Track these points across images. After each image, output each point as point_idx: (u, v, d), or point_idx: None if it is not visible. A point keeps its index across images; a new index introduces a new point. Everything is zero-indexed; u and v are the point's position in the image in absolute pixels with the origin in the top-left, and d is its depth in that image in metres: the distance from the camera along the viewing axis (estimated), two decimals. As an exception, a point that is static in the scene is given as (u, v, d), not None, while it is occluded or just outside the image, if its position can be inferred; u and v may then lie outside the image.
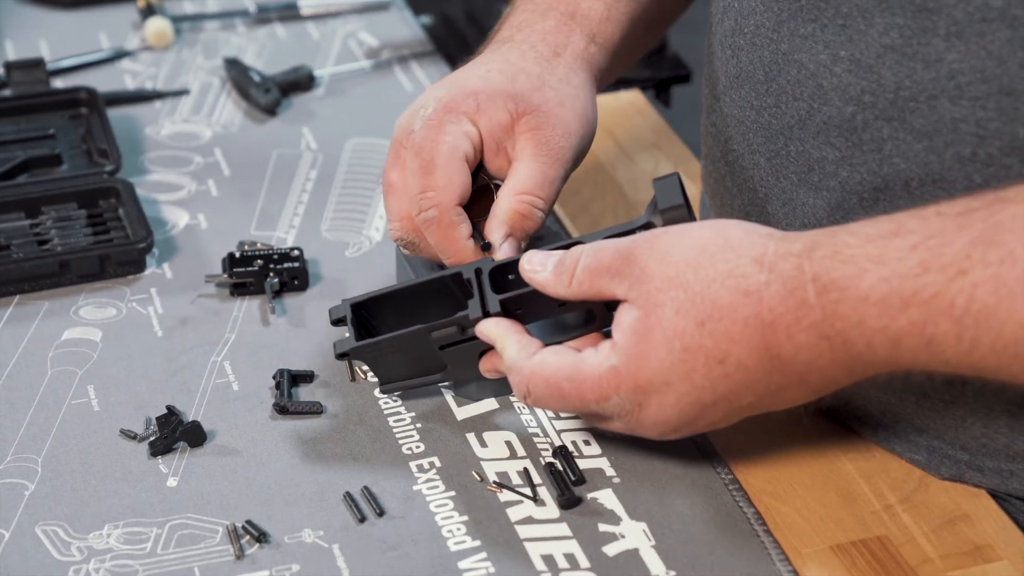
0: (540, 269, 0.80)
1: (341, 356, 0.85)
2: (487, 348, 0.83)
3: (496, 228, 0.86)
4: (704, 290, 0.73)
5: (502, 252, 0.86)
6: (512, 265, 0.83)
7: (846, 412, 0.87)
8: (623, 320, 0.75)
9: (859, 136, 0.79)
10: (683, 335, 0.73)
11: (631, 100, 1.23)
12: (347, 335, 0.86)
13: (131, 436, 0.86)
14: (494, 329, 0.81)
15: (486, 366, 0.84)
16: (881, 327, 0.69)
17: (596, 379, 0.76)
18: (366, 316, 0.86)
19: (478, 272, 0.83)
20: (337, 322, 0.86)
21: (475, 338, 0.82)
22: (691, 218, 0.80)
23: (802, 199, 0.84)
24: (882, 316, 0.69)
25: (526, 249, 0.85)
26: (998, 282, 0.66)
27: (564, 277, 0.78)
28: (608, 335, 0.79)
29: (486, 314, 0.81)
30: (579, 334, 0.83)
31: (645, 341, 0.74)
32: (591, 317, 0.83)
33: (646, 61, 1.30)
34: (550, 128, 0.87)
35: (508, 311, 0.81)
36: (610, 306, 0.81)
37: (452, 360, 0.84)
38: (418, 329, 0.83)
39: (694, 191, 1.11)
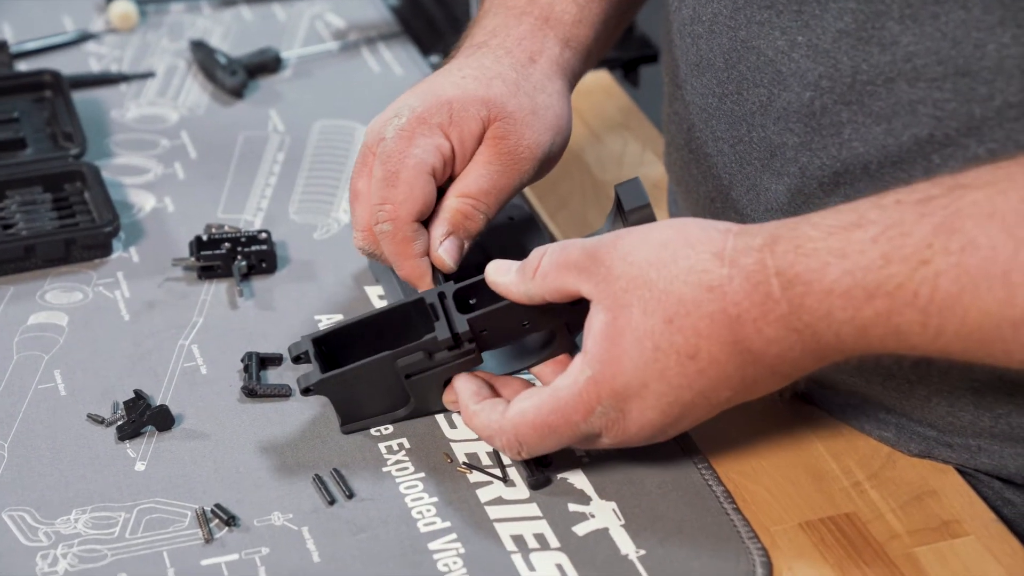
0: (504, 273, 0.80)
1: (306, 391, 0.83)
2: (451, 377, 0.83)
3: (438, 226, 0.87)
4: (668, 287, 0.73)
5: (443, 250, 0.86)
6: (473, 288, 0.83)
7: (815, 392, 0.87)
8: (593, 325, 0.75)
9: (818, 121, 0.80)
10: (653, 334, 0.73)
11: (599, 80, 1.22)
12: (309, 356, 0.84)
13: (98, 420, 0.85)
14: (461, 390, 0.81)
15: (450, 398, 0.83)
16: (848, 318, 0.70)
17: (577, 397, 0.75)
18: (327, 351, 0.84)
19: (441, 296, 0.82)
20: (297, 359, 0.84)
21: (443, 364, 0.82)
22: (655, 218, 0.81)
23: (765, 185, 0.84)
24: (848, 308, 0.69)
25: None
26: (960, 270, 0.67)
27: (528, 273, 0.78)
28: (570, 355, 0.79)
29: (455, 335, 0.81)
30: (538, 360, 0.83)
31: (616, 345, 0.74)
32: (551, 340, 0.83)
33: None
34: (516, 137, 0.87)
35: (474, 332, 0.81)
36: (571, 327, 0.81)
37: (416, 390, 0.83)
38: (386, 355, 0.82)
39: (661, 172, 1.11)
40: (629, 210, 0.80)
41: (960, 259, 0.67)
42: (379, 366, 0.82)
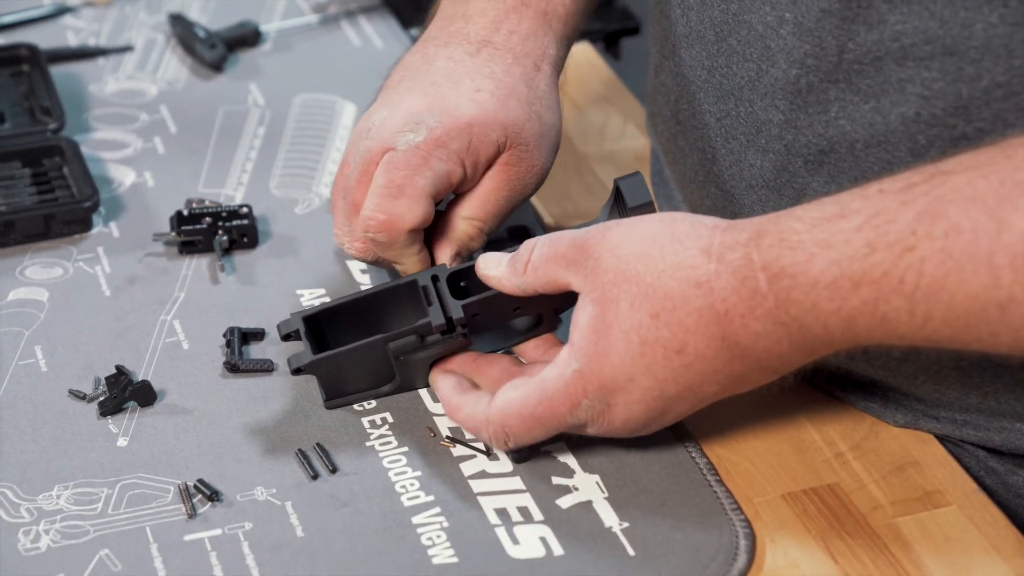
0: (495, 266, 0.80)
1: (297, 372, 0.82)
2: (439, 358, 0.83)
3: (447, 248, 0.86)
4: (655, 282, 0.73)
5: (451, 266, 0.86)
6: (463, 272, 0.83)
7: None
8: (580, 319, 0.75)
9: (804, 99, 0.79)
10: (639, 328, 0.73)
11: (581, 52, 1.22)
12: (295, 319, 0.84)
13: (80, 396, 0.85)
14: (441, 386, 0.81)
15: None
16: (834, 309, 0.70)
17: (564, 389, 0.75)
18: (315, 329, 0.84)
19: (435, 279, 0.82)
20: (287, 337, 0.83)
21: (433, 346, 0.82)
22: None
23: (750, 160, 0.84)
24: (834, 299, 0.69)
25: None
26: (945, 255, 0.67)
27: (519, 266, 0.78)
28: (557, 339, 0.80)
29: (448, 320, 0.81)
30: (524, 339, 0.84)
31: (604, 339, 0.74)
32: (538, 322, 0.83)
33: (595, 13, 1.30)
34: (528, 164, 0.86)
35: (467, 316, 0.81)
36: (558, 309, 0.82)
37: (404, 370, 0.83)
38: (378, 339, 0.82)
39: (643, 145, 1.11)
40: (632, 207, 0.80)
41: (944, 244, 0.67)
42: (371, 348, 0.82)
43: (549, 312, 0.82)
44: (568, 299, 0.78)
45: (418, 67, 0.88)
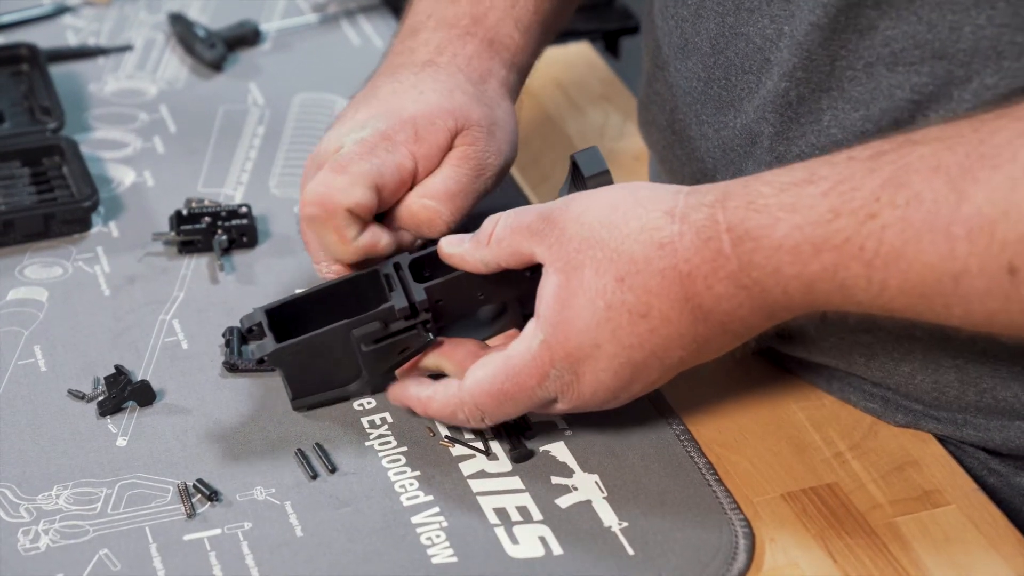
0: (458, 244, 0.79)
1: (260, 361, 0.82)
2: (407, 359, 0.82)
3: (393, 223, 0.85)
4: (619, 246, 0.73)
5: (388, 235, 0.86)
6: (426, 260, 0.83)
7: (800, 364, 0.87)
8: (545, 290, 0.75)
9: (794, 111, 0.80)
10: (604, 292, 0.73)
11: (580, 52, 1.22)
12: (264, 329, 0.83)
13: (79, 396, 0.85)
14: (408, 390, 0.81)
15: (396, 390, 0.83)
16: (795, 274, 0.70)
17: (530, 362, 0.76)
18: (280, 323, 0.83)
19: (396, 266, 0.82)
20: (250, 331, 0.83)
21: (398, 333, 0.81)
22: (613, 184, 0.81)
23: (750, 170, 0.84)
24: (795, 263, 0.70)
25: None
26: (905, 223, 0.67)
27: (482, 239, 0.78)
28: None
29: (411, 304, 0.81)
30: (490, 334, 0.83)
31: (568, 307, 0.74)
32: (502, 313, 0.83)
33: (594, 12, 1.30)
34: (484, 143, 0.86)
35: (430, 302, 0.81)
36: (523, 299, 0.81)
37: (370, 363, 0.83)
38: (343, 324, 0.81)
39: (642, 145, 1.11)
40: (589, 176, 0.80)
41: (905, 212, 0.67)
42: (335, 336, 0.82)
43: (513, 303, 0.82)
44: (533, 285, 0.78)
45: (365, 95, 0.89)
